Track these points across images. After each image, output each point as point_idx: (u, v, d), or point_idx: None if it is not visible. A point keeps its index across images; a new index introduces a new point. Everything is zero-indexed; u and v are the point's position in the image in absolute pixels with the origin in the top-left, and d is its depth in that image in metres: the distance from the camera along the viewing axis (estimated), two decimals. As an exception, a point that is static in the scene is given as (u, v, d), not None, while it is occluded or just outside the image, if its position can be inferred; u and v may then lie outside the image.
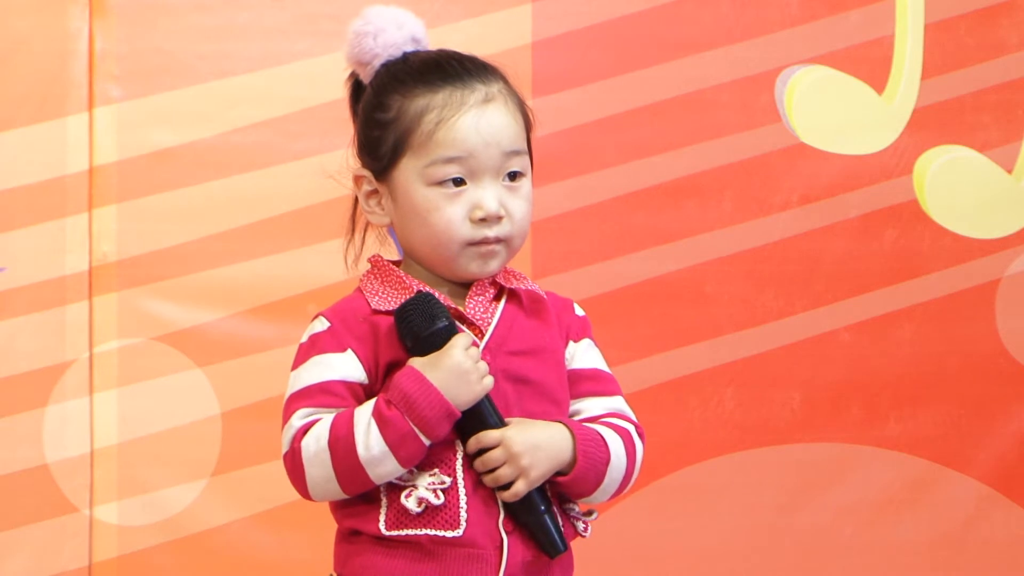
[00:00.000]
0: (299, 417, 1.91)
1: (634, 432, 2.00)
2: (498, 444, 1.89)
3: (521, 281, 2.01)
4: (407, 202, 1.95)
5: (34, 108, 3.29)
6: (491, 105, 1.95)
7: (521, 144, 1.97)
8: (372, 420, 1.85)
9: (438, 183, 1.93)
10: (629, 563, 3.49)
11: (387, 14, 2.00)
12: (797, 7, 3.60)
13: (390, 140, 1.95)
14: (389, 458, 1.85)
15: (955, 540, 3.65)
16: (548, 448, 1.91)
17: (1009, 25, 3.68)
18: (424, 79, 1.95)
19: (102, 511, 3.30)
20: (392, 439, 1.85)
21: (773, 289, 3.59)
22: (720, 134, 3.56)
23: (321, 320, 1.96)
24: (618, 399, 2.03)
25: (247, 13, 3.39)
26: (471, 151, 1.93)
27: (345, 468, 1.87)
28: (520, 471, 1.89)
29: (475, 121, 1.93)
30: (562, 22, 3.50)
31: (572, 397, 2.01)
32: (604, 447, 1.95)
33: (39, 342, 3.28)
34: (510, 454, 1.89)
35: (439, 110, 1.93)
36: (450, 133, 1.93)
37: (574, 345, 2.03)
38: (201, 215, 3.35)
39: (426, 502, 1.88)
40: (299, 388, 1.93)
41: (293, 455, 1.90)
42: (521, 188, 1.96)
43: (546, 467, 1.91)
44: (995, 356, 3.67)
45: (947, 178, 3.66)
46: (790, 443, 3.60)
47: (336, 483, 1.89)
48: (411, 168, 1.94)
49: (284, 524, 3.32)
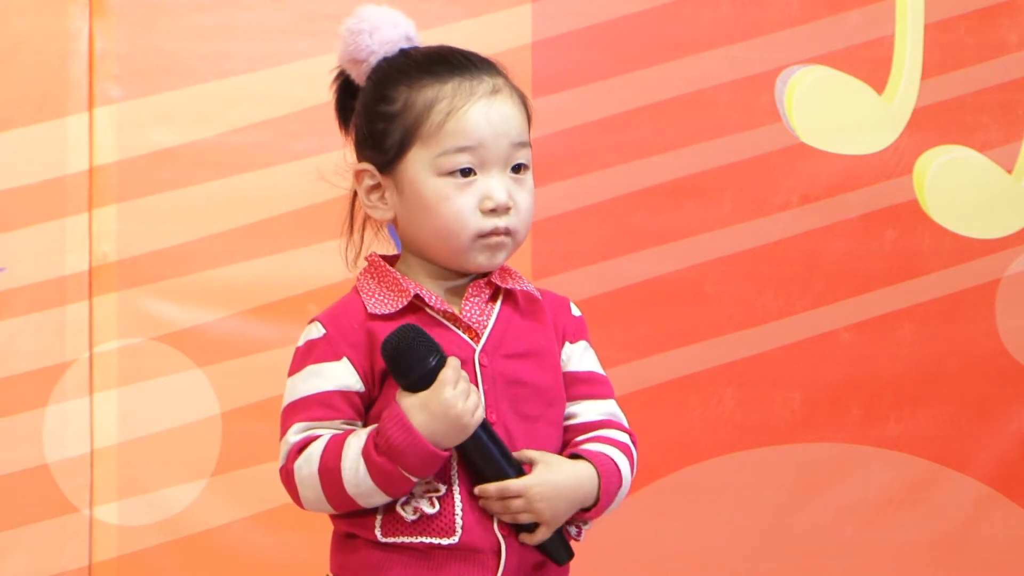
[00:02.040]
0: (294, 432, 1.91)
1: (631, 444, 2.01)
2: (521, 495, 1.89)
3: (517, 280, 2.00)
4: (415, 194, 1.95)
5: (34, 108, 3.29)
6: (499, 96, 1.95)
7: (526, 136, 1.97)
8: (360, 459, 1.85)
9: (448, 173, 1.93)
10: (629, 563, 3.49)
11: (381, 13, 2.00)
12: (797, 7, 3.60)
13: (397, 132, 1.95)
14: (377, 493, 1.86)
15: (955, 540, 3.65)
16: (572, 496, 1.92)
17: (1009, 25, 3.68)
18: (430, 71, 1.95)
19: (102, 511, 3.30)
20: (379, 480, 1.85)
21: (773, 289, 3.59)
22: (720, 134, 3.56)
23: (317, 326, 1.95)
24: (611, 403, 2.03)
25: (247, 13, 3.39)
26: (482, 141, 1.92)
27: (334, 496, 1.88)
28: (542, 521, 1.90)
29: (486, 111, 1.93)
30: (562, 22, 3.50)
31: (568, 399, 2.01)
32: (618, 476, 1.96)
33: (39, 342, 3.28)
34: (532, 507, 1.89)
35: (449, 100, 1.93)
36: (461, 123, 1.92)
37: (570, 347, 2.02)
38: (201, 215, 3.35)
39: (421, 511, 1.88)
40: (295, 399, 1.93)
41: (287, 474, 1.91)
42: (526, 181, 1.97)
43: (569, 513, 1.92)
44: (995, 356, 3.67)
45: (947, 178, 3.66)
46: (790, 443, 3.60)
47: (328, 505, 1.90)
48: (420, 159, 1.94)
49: (284, 524, 3.32)
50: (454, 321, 1.95)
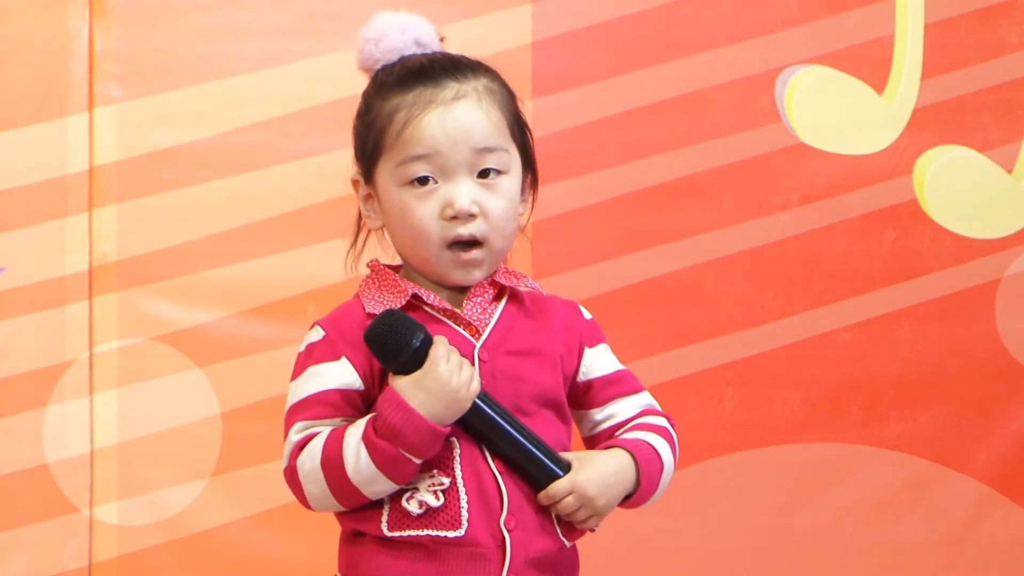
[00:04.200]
0: (296, 431, 1.91)
1: (669, 427, 2.03)
2: (570, 493, 1.90)
3: (522, 281, 2.00)
4: (387, 204, 1.96)
5: (34, 108, 3.29)
6: (461, 102, 1.93)
7: (496, 141, 1.94)
8: (361, 444, 1.85)
9: (408, 183, 1.93)
10: (629, 563, 3.49)
11: (392, 20, 2.00)
12: (797, 7, 3.60)
13: (370, 143, 1.96)
14: (380, 478, 1.86)
15: (955, 540, 3.65)
16: (617, 484, 1.94)
17: (1009, 25, 3.68)
18: (401, 81, 1.95)
19: (102, 511, 3.30)
20: (381, 463, 1.85)
21: (773, 289, 3.59)
22: (720, 134, 3.56)
23: (317, 329, 1.96)
24: (645, 394, 2.05)
25: (247, 13, 3.39)
26: (437, 148, 1.91)
27: (338, 487, 1.88)
28: (595, 512, 1.92)
29: (441, 118, 1.92)
30: (562, 22, 3.50)
31: (602, 402, 2.02)
32: (659, 460, 1.98)
33: (39, 342, 3.28)
34: (585, 500, 1.91)
35: (407, 109, 1.92)
36: (416, 131, 1.92)
37: (591, 351, 2.03)
38: (201, 215, 3.35)
39: (426, 504, 1.88)
40: (297, 400, 1.93)
41: (291, 472, 1.90)
42: (498, 186, 1.94)
43: (617, 499, 1.95)
44: (995, 356, 3.67)
45: (947, 178, 3.66)
46: (790, 443, 3.60)
47: (334, 499, 1.89)
48: (386, 169, 1.95)
49: (284, 524, 3.32)
50: (454, 319, 1.95)
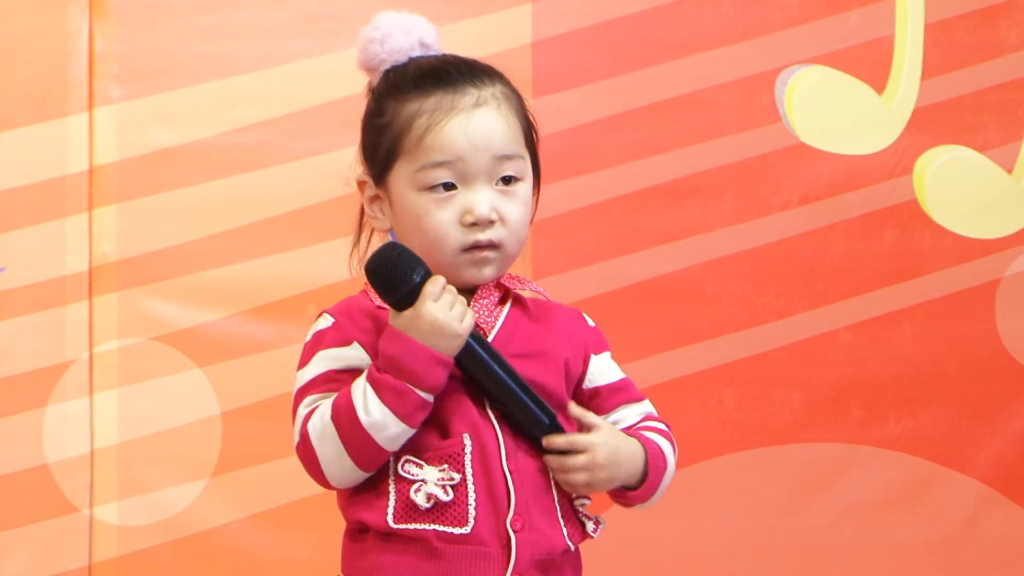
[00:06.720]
0: (305, 406, 1.91)
1: (670, 432, 2.04)
2: (586, 450, 1.91)
3: (526, 285, 2.01)
4: (401, 208, 1.96)
5: (34, 108, 3.29)
6: (481, 109, 1.94)
7: (515, 148, 1.96)
8: (367, 385, 1.85)
9: (428, 188, 1.93)
10: (629, 563, 3.49)
11: (395, 20, 2.00)
12: (797, 7, 3.60)
13: (384, 146, 1.96)
14: (391, 419, 1.84)
15: (955, 540, 3.65)
16: (627, 464, 1.95)
17: (1009, 25, 3.68)
18: (417, 84, 1.95)
19: (102, 511, 3.30)
20: (389, 399, 1.84)
21: (773, 289, 3.59)
22: (720, 134, 3.56)
23: (325, 317, 1.96)
24: (647, 402, 2.07)
25: (247, 13, 3.39)
26: (460, 155, 1.92)
27: (352, 439, 1.86)
28: (594, 481, 1.92)
29: (464, 125, 1.92)
30: (562, 22, 3.50)
31: (608, 409, 2.02)
32: (664, 458, 1.99)
33: (39, 342, 3.28)
34: (594, 464, 1.91)
35: (428, 115, 1.93)
36: (438, 138, 1.92)
37: (596, 359, 2.04)
38: (201, 215, 3.35)
39: (435, 498, 1.88)
40: (306, 381, 1.93)
41: (303, 441, 1.89)
42: (516, 192, 1.96)
43: (619, 481, 1.95)
44: (995, 356, 3.67)
45: (947, 178, 3.66)
46: (790, 443, 3.60)
47: (349, 459, 1.87)
48: (403, 173, 1.95)
49: (284, 524, 3.32)
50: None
